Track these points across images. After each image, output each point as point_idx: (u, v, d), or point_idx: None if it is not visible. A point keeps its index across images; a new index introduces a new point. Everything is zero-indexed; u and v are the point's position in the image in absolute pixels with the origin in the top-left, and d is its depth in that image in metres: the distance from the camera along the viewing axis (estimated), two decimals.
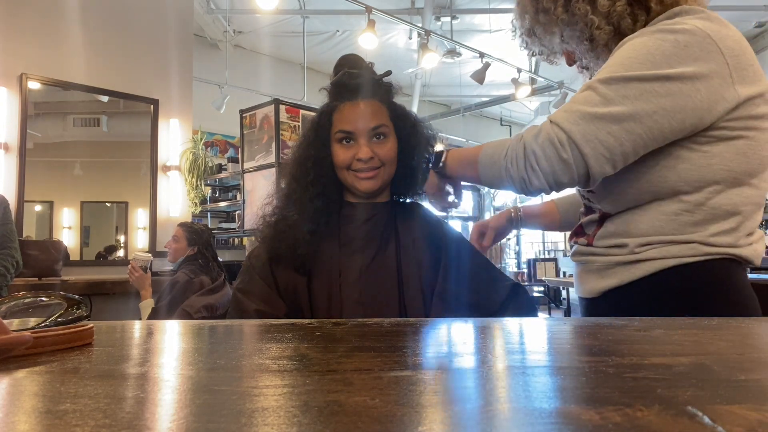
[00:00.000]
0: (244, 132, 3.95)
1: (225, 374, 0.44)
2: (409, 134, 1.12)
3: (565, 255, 9.21)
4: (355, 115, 1.07)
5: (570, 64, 1.08)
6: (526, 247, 11.46)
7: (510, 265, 10.08)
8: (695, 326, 0.77)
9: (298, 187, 1.09)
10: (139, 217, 4.00)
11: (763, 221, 6.16)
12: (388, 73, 1.15)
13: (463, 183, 1.16)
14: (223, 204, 5.04)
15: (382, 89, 1.13)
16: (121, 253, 3.99)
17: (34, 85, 3.48)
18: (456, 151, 1.07)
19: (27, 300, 0.64)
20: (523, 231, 9.99)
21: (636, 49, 0.85)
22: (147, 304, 2.63)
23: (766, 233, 6.51)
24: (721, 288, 0.92)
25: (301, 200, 1.08)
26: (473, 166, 0.98)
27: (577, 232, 1.06)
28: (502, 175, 0.92)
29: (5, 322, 0.49)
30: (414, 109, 7.76)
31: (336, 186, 1.11)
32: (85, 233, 3.89)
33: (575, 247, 1.06)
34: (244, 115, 3.96)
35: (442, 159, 1.07)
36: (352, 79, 1.10)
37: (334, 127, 1.09)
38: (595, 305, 1.00)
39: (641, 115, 0.82)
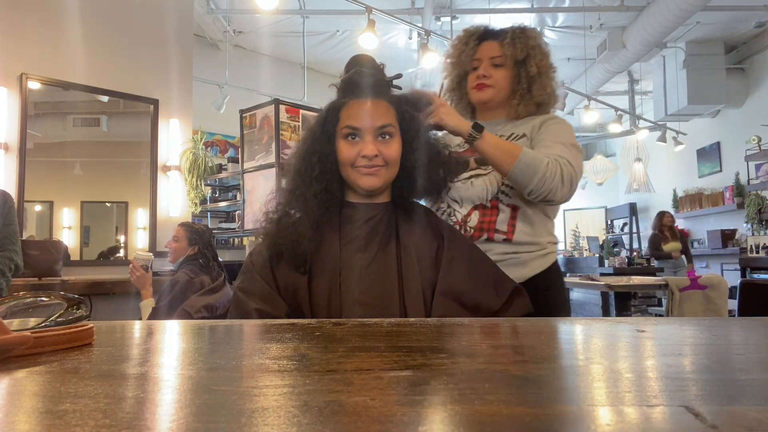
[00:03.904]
0: (244, 132, 3.95)
1: (225, 374, 0.44)
2: (413, 137, 1.12)
3: (565, 255, 9.22)
4: (363, 112, 1.07)
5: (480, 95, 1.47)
6: None
7: None
8: (697, 326, 0.77)
9: (302, 182, 1.09)
10: (139, 217, 3.99)
11: (763, 221, 6.11)
12: (399, 75, 1.17)
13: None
14: (223, 204, 5.04)
15: (392, 91, 1.14)
16: (121, 252, 3.99)
17: (34, 85, 3.47)
18: (492, 137, 1.29)
19: (27, 300, 0.64)
20: None
21: (569, 131, 1.39)
22: (147, 304, 2.63)
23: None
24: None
25: (304, 196, 1.08)
26: (511, 156, 1.25)
27: (488, 229, 1.36)
28: (534, 178, 1.24)
29: (5, 322, 0.49)
30: None
31: (339, 183, 1.11)
32: (85, 233, 3.88)
33: (491, 245, 1.34)
34: (244, 115, 3.96)
35: (481, 132, 1.26)
36: (362, 77, 1.11)
37: (341, 122, 1.09)
38: None
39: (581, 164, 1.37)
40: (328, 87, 1.18)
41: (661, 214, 6.65)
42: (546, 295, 1.33)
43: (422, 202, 1.23)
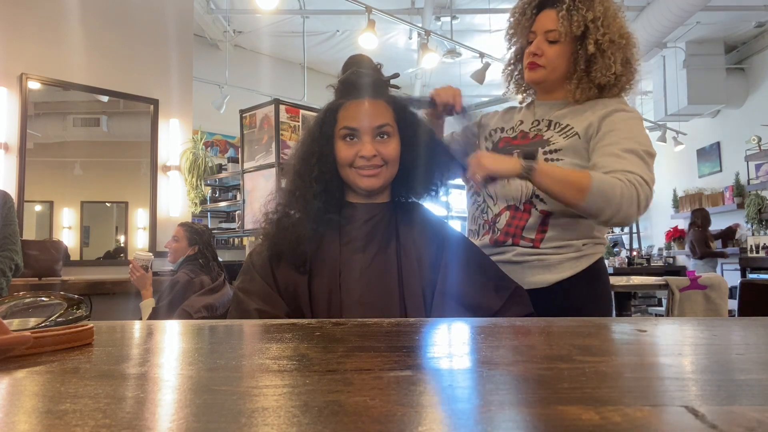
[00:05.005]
0: (244, 132, 3.94)
1: (225, 374, 0.44)
2: (412, 136, 1.12)
3: None
4: (361, 112, 1.08)
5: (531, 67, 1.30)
6: None
7: None
8: (697, 326, 0.77)
9: (301, 183, 1.09)
10: (139, 217, 3.99)
11: (763, 221, 6.12)
12: (396, 75, 1.17)
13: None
14: (223, 204, 5.03)
15: (389, 90, 1.14)
16: (121, 253, 4.00)
17: (34, 85, 3.47)
18: (550, 167, 1.12)
19: (27, 300, 0.64)
20: None
21: (639, 130, 1.20)
22: (148, 304, 2.63)
23: (766, 233, 6.43)
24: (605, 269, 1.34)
25: (304, 196, 1.08)
26: (580, 191, 1.08)
27: (514, 234, 1.25)
28: (607, 210, 1.08)
29: (5, 322, 0.49)
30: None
31: (338, 184, 1.11)
32: (85, 233, 3.88)
33: (515, 248, 1.24)
34: (244, 115, 3.96)
35: (534, 164, 1.08)
36: (359, 78, 1.11)
37: (339, 123, 1.09)
38: (545, 294, 1.19)
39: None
40: (325, 88, 1.18)
41: (704, 211, 6.39)
42: (577, 302, 1.22)
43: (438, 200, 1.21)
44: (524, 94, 1.43)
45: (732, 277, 6.17)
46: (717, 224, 7.45)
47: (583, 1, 1.22)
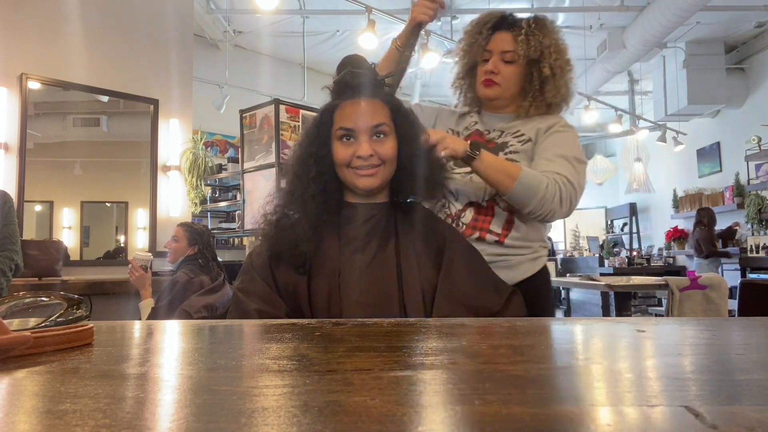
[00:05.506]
0: (244, 132, 3.95)
1: (225, 374, 0.44)
2: (409, 135, 1.12)
3: (565, 255, 9.22)
4: (357, 113, 1.08)
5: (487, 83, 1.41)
6: None
7: None
8: (697, 326, 0.77)
9: (299, 184, 1.09)
10: (139, 217, 3.99)
11: (763, 221, 6.09)
12: (392, 74, 1.16)
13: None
14: (223, 204, 5.04)
15: (384, 89, 1.14)
16: (121, 253, 3.99)
17: (34, 85, 3.47)
18: (491, 155, 1.26)
19: (27, 300, 0.64)
20: None
21: (573, 142, 1.37)
22: (147, 304, 2.63)
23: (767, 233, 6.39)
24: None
25: (302, 197, 1.08)
26: (510, 178, 1.22)
27: (481, 228, 1.33)
28: (533, 200, 1.23)
29: (5, 322, 0.49)
30: None
31: (336, 184, 1.11)
32: (85, 233, 3.88)
33: (481, 245, 1.29)
34: (244, 115, 3.96)
35: (479, 152, 1.22)
36: (354, 78, 1.11)
37: (336, 124, 1.09)
38: None
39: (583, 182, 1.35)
40: (321, 89, 1.18)
41: (710, 211, 6.40)
42: (534, 300, 1.26)
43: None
44: (470, 107, 1.51)
45: (732, 277, 6.17)
46: (717, 224, 7.45)
47: (539, 27, 1.36)
